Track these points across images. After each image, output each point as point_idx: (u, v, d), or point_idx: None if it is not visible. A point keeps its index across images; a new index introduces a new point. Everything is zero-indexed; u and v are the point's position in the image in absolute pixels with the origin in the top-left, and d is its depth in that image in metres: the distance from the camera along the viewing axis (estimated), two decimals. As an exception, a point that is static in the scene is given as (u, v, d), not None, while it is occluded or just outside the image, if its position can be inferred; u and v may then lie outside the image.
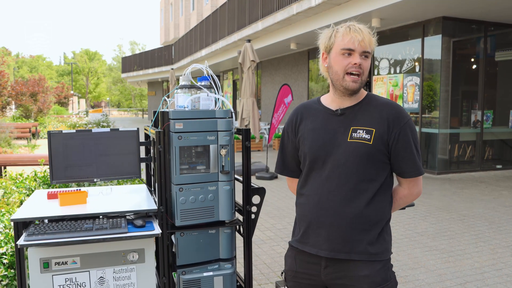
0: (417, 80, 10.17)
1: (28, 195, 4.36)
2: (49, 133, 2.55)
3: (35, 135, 17.91)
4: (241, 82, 10.16)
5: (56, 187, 4.40)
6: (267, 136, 14.98)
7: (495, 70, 10.66)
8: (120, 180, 4.09)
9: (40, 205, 2.46)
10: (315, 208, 1.82)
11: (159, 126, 2.61)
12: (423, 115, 10.15)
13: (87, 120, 21.80)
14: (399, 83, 10.70)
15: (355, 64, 1.73)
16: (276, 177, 9.57)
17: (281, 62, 17.55)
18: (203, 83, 2.63)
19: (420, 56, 10.10)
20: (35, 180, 4.58)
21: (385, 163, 1.80)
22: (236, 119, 15.68)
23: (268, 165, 10.13)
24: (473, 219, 6.09)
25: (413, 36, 10.39)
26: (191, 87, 2.61)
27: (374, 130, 1.76)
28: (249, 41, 9.90)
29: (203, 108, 2.57)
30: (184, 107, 2.53)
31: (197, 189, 2.42)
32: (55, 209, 2.37)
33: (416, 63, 10.25)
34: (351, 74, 1.75)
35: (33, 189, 4.41)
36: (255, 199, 2.61)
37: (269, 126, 12.74)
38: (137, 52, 56.23)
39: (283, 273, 2.01)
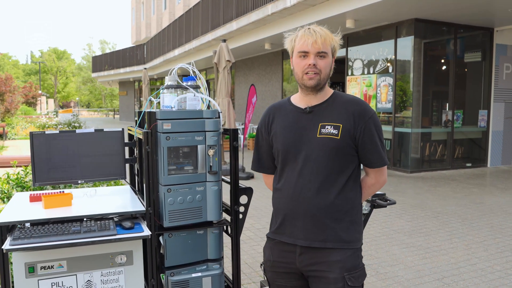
0: (390, 80, 10.36)
1: (1, 199, 4.24)
2: (31, 134, 2.49)
3: (2, 136, 17.39)
4: (217, 82, 10.13)
5: (31, 190, 4.29)
6: (241, 136, 15.01)
7: (464, 71, 10.97)
8: (99, 182, 4.02)
9: (23, 208, 2.40)
10: (290, 201, 1.94)
11: (145, 127, 2.58)
12: (396, 115, 10.35)
13: (57, 121, 21.28)
14: (373, 84, 10.88)
15: (309, 65, 1.86)
16: (253, 176, 9.58)
17: (255, 62, 17.59)
18: (189, 83, 2.62)
19: (393, 57, 10.30)
20: (7, 182, 4.46)
21: (352, 156, 1.92)
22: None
23: (244, 165, 10.13)
24: (446, 216, 6.25)
25: (386, 37, 10.58)
26: (178, 87, 2.59)
27: (341, 125, 1.88)
28: (224, 41, 9.88)
29: (189, 108, 2.56)
30: (171, 108, 2.51)
31: (185, 190, 2.41)
32: (40, 212, 2.31)
33: (389, 64, 10.44)
34: (308, 73, 1.88)
35: (6, 191, 4.30)
36: (243, 199, 2.62)
37: (243, 126, 12.76)
38: (108, 51, 55.34)
39: (262, 265, 2.13)
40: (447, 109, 10.62)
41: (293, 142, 1.93)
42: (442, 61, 10.77)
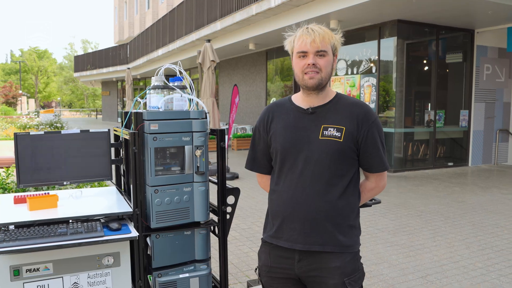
0: (373, 80, 10.46)
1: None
2: (15, 135, 2.46)
3: (-18, 136, 17.06)
4: (201, 82, 10.11)
5: (13, 192, 4.23)
6: (226, 136, 14.97)
7: (446, 71, 11.14)
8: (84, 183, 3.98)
9: (7, 210, 2.37)
10: (290, 203, 1.87)
11: (132, 127, 2.57)
12: (379, 115, 10.45)
13: (38, 121, 20.97)
14: (356, 84, 10.97)
15: (309, 64, 1.82)
16: (237, 177, 9.58)
17: (239, 62, 17.58)
18: (176, 84, 2.61)
19: (377, 57, 10.40)
20: (-12, 184, 4.39)
21: (353, 159, 1.89)
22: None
23: (228, 165, 10.13)
24: (429, 215, 6.34)
25: (370, 38, 10.68)
26: (164, 87, 2.59)
27: (344, 128, 1.84)
28: (209, 41, 9.86)
29: (176, 108, 2.55)
30: (158, 108, 2.50)
31: (172, 191, 2.41)
32: (25, 214, 2.29)
33: (372, 64, 10.54)
34: (308, 73, 1.84)
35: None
36: (230, 199, 2.62)
37: (227, 126, 12.75)
38: (90, 51, 54.72)
39: (257, 269, 2.04)
40: (429, 109, 10.77)
41: (294, 143, 1.88)
42: (424, 61, 10.92)
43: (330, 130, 1.84)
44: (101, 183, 4.67)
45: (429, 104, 10.79)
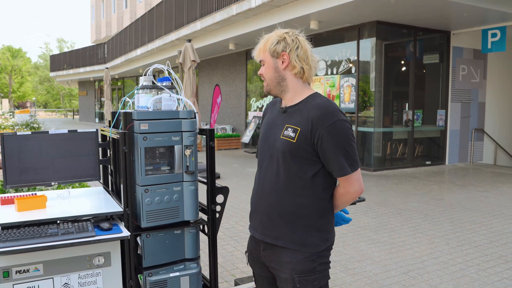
0: (353, 81, 10.60)
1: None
2: (2, 135, 2.43)
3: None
4: (182, 82, 10.07)
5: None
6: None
7: (423, 72, 11.37)
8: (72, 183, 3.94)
9: (-6, 211, 2.34)
10: (255, 195, 2.05)
11: (120, 127, 2.56)
12: (359, 115, 10.60)
13: (13, 121, 20.53)
14: (336, 84, 11.09)
15: (259, 74, 2.02)
16: (219, 177, 9.58)
17: (219, 62, 17.57)
18: (164, 84, 2.62)
19: (356, 58, 10.54)
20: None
21: (312, 161, 1.87)
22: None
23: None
24: (409, 213, 6.47)
25: (349, 39, 10.82)
26: (153, 87, 2.59)
27: (299, 129, 1.87)
28: (189, 41, 9.84)
29: (165, 108, 2.56)
30: (147, 108, 2.51)
31: (162, 190, 2.41)
32: (13, 215, 2.26)
33: (352, 65, 10.68)
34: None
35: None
36: (219, 198, 2.65)
37: (208, 126, 12.73)
38: (66, 50, 53.82)
39: (246, 252, 2.21)
40: (407, 109, 10.97)
41: (265, 140, 2.02)
42: (402, 62, 11.13)
43: (288, 130, 1.90)
44: (83, 184, 4.62)
45: (407, 104, 11.00)
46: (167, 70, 2.66)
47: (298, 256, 1.89)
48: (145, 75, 2.62)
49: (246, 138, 14.39)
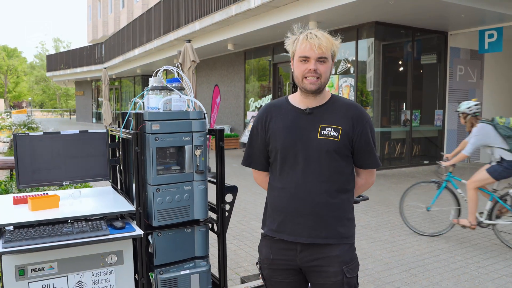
0: (351, 81, 10.67)
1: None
2: (15, 136, 2.47)
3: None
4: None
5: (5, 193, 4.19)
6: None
7: (421, 72, 11.44)
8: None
9: (8, 211, 2.38)
10: (293, 199, 1.98)
11: (131, 128, 2.61)
12: (357, 115, 10.65)
13: (10, 121, 20.50)
14: (335, 84, 11.16)
15: (310, 70, 1.92)
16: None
17: (217, 62, 17.60)
18: (174, 85, 2.67)
19: (354, 58, 10.61)
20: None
21: (349, 157, 2.01)
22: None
23: (210, 165, 10.15)
24: (409, 211, 6.53)
25: (348, 39, 10.87)
26: (163, 88, 2.64)
27: (341, 128, 1.95)
28: (189, 41, 9.87)
29: (175, 109, 2.61)
30: (158, 109, 2.56)
31: (173, 189, 2.46)
32: (27, 214, 2.31)
33: (350, 65, 10.75)
34: (308, 78, 1.94)
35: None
36: (228, 197, 2.70)
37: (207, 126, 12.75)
38: (62, 50, 53.67)
39: (258, 263, 2.14)
40: (405, 109, 11.04)
41: (294, 142, 1.97)
42: (400, 62, 11.20)
43: (328, 130, 1.95)
44: (85, 185, 4.66)
45: (405, 104, 11.07)
46: (176, 71, 2.71)
47: (344, 248, 1.98)
48: (155, 76, 2.66)
49: (245, 138, 14.43)
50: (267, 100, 14.51)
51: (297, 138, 1.97)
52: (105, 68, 19.29)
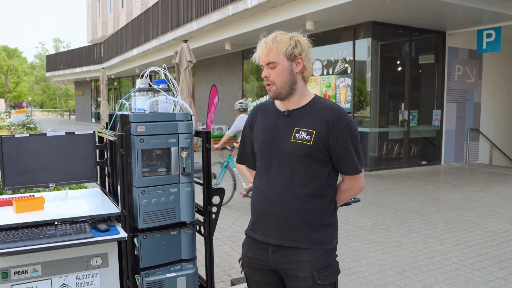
0: (349, 81, 10.65)
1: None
2: (0, 137, 2.45)
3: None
4: (178, 83, 10.09)
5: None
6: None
7: (419, 72, 11.42)
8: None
9: (-8, 213, 2.36)
10: (265, 201, 2.00)
11: (117, 129, 2.59)
12: (355, 115, 10.65)
13: (10, 122, 20.47)
14: (332, 84, 11.13)
15: (264, 77, 1.95)
16: (215, 177, 9.59)
17: (215, 62, 17.59)
18: (161, 86, 2.65)
19: (352, 58, 10.58)
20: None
21: (326, 162, 1.95)
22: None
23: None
24: (405, 212, 6.52)
25: (345, 39, 10.86)
26: (150, 90, 2.62)
27: (314, 131, 1.90)
28: (186, 41, 9.84)
29: (161, 111, 2.58)
30: (144, 110, 2.53)
31: (159, 192, 2.44)
32: (11, 216, 2.29)
33: (348, 65, 10.72)
34: (267, 85, 1.96)
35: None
36: (215, 199, 2.67)
37: (204, 127, 12.75)
38: (62, 50, 53.67)
39: (240, 260, 2.16)
40: (403, 109, 11.02)
41: (269, 144, 1.97)
42: (398, 62, 11.17)
43: (301, 133, 1.92)
44: (80, 185, 4.64)
45: (403, 104, 11.05)
46: (163, 72, 2.68)
47: (316, 254, 1.93)
48: (141, 77, 2.64)
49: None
50: (264, 100, 14.50)
51: (273, 140, 1.98)
52: (103, 68, 19.29)
